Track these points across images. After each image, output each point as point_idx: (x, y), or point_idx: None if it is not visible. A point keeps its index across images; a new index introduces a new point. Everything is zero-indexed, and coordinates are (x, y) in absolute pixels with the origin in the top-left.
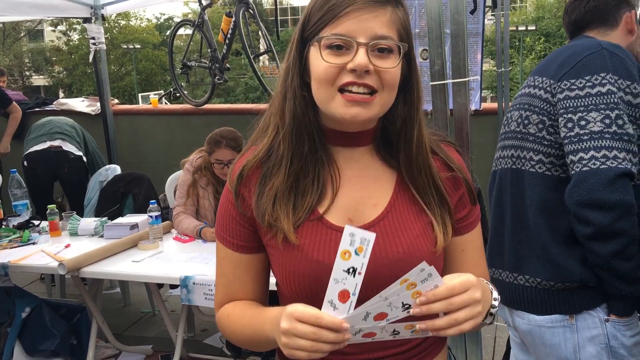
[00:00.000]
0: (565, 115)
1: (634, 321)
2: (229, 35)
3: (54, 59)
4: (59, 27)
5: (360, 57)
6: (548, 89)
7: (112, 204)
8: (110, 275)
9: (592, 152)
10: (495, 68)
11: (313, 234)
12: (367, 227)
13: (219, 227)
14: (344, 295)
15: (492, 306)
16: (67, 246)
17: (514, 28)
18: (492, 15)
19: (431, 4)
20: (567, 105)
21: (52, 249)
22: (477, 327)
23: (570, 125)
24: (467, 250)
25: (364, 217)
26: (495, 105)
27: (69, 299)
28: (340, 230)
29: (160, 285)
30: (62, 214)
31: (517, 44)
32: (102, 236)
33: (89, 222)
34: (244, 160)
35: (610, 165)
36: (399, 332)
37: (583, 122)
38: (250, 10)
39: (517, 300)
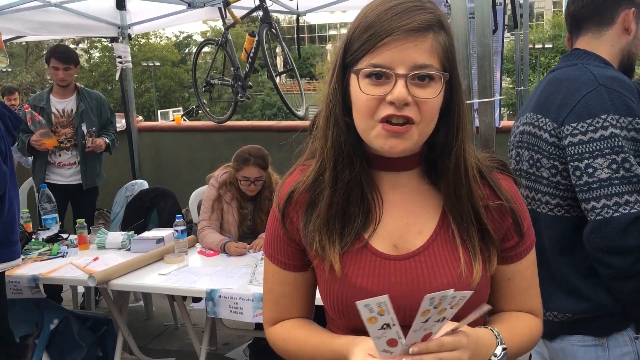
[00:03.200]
0: (572, 163)
1: None
2: (251, 54)
3: (75, 76)
4: (81, 45)
5: (399, 90)
6: (553, 132)
7: (137, 218)
8: (137, 287)
9: (603, 201)
10: (511, 86)
11: (357, 261)
12: (411, 255)
13: (267, 245)
14: (392, 342)
15: None
16: (95, 259)
17: (531, 46)
18: (510, 33)
19: (458, 27)
20: (573, 152)
21: (81, 262)
22: None
23: (578, 173)
24: (515, 280)
25: (408, 244)
26: (512, 123)
27: (95, 311)
28: (384, 256)
29: (183, 299)
30: (90, 228)
31: (533, 61)
32: (129, 249)
33: (116, 236)
34: (293, 182)
35: (623, 212)
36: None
37: (590, 170)
38: (273, 30)
39: (549, 333)
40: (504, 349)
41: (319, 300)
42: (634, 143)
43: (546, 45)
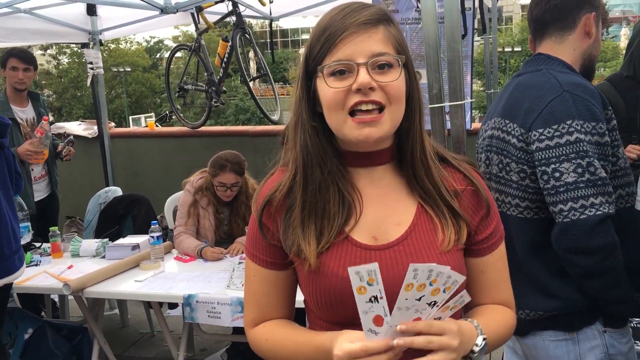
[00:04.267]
0: (540, 168)
1: (627, 328)
2: (225, 59)
3: (43, 82)
4: (49, 51)
5: (362, 76)
6: (520, 137)
7: (111, 225)
8: (113, 295)
9: (570, 204)
10: (482, 89)
11: (339, 253)
12: (391, 245)
13: (249, 246)
14: (378, 320)
15: (472, 351)
16: (69, 267)
17: (501, 49)
18: (480, 37)
19: (428, 32)
20: (540, 157)
21: (55, 270)
22: None
23: (545, 177)
24: (487, 272)
25: (387, 235)
26: None
27: (70, 320)
28: (365, 247)
29: (159, 305)
30: (63, 236)
31: (503, 65)
32: (103, 257)
33: (90, 244)
34: (272, 184)
35: (589, 214)
36: (440, 317)
37: (557, 174)
38: (247, 35)
39: (521, 330)
40: (484, 339)
41: (299, 303)
42: (597, 147)
43: (515, 49)
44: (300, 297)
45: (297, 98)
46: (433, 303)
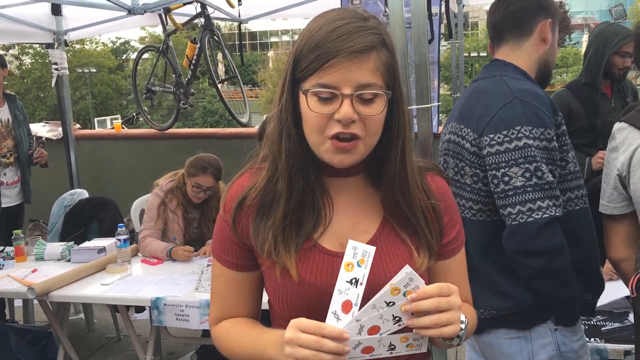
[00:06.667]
0: (490, 172)
1: (578, 326)
2: (193, 61)
3: (5, 83)
4: (11, 51)
5: (345, 110)
6: (473, 142)
7: (76, 228)
8: (79, 298)
9: (518, 207)
10: (448, 93)
11: (307, 259)
12: None
13: (215, 246)
14: (347, 306)
15: (460, 328)
16: (33, 271)
17: (467, 54)
18: (446, 42)
19: (396, 37)
20: (491, 161)
21: (18, 274)
22: (447, 345)
23: (495, 181)
24: (450, 274)
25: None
26: None
27: (35, 325)
28: (333, 254)
29: (126, 309)
30: (27, 239)
31: (469, 69)
32: (69, 260)
33: (55, 247)
34: (241, 185)
35: (536, 217)
36: (395, 346)
37: (506, 178)
38: (215, 37)
39: (477, 329)
40: (464, 319)
41: (265, 305)
42: (545, 152)
43: (481, 54)
44: (265, 298)
45: (281, 106)
46: (398, 319)
